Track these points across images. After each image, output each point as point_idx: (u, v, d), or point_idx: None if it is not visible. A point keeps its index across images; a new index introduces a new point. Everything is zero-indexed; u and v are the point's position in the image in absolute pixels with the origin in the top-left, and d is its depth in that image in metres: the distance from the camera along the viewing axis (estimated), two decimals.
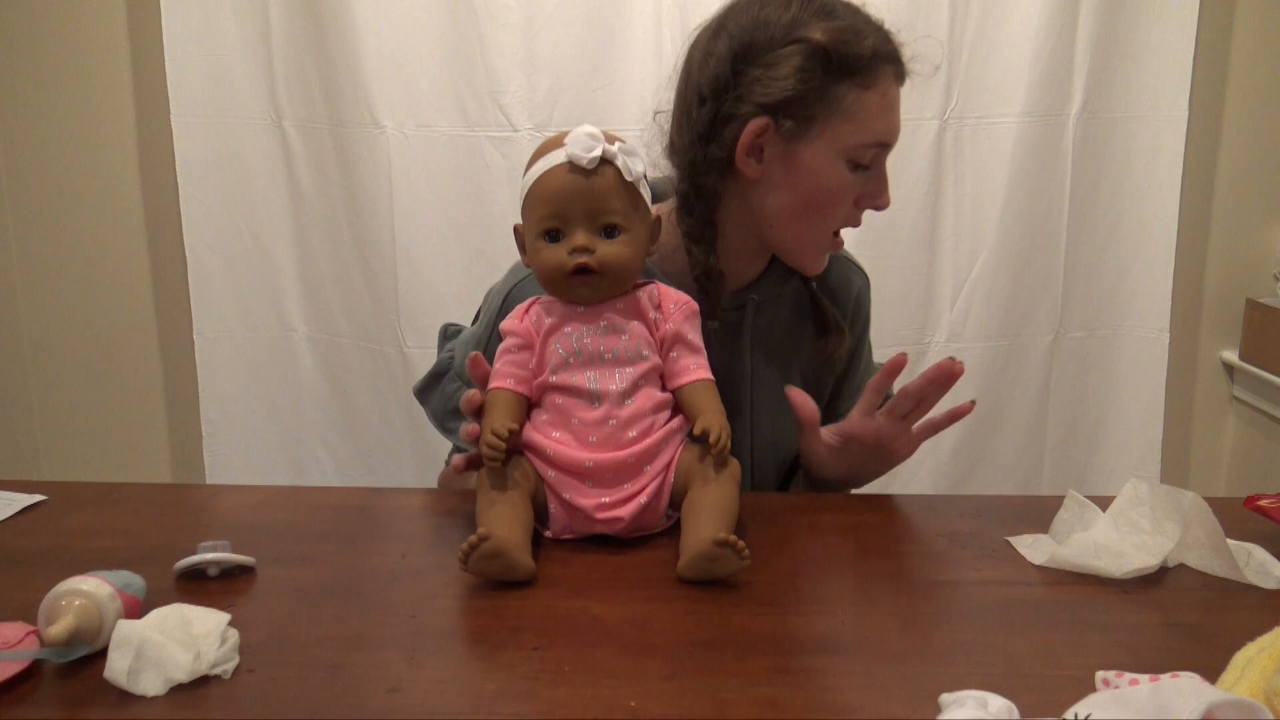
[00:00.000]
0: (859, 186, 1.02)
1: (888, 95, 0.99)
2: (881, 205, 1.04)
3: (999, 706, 0.58)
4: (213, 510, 1.00)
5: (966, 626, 0.74)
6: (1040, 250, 2.01)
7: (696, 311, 0.93)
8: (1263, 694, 0.59)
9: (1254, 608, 0.77)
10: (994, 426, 2.07)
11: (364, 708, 0.63)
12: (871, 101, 0.98)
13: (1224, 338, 2.14)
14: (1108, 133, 1.98)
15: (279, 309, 2.09)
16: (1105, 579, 0.81)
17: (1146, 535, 0.84)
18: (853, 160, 1.00)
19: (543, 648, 0.70)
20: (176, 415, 2.21)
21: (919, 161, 1.95)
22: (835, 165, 1.00)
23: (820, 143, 0.99)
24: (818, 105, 0.97)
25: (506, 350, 0.90)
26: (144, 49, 2.03)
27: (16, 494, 0.99)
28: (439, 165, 1.96)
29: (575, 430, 0.87)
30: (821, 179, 1.00)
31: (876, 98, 0.98)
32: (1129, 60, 1.95)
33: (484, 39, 1.91)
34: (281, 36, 1.96)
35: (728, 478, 0.85)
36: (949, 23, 1.90)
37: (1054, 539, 0.87)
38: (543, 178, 0.88)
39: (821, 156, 0.99)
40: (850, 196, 1.02)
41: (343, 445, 2.13)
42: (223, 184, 2.02)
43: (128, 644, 0.64)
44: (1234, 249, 2.11)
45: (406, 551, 0.87)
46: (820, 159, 0.99)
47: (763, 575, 0.81)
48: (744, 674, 0.67)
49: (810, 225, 1.03)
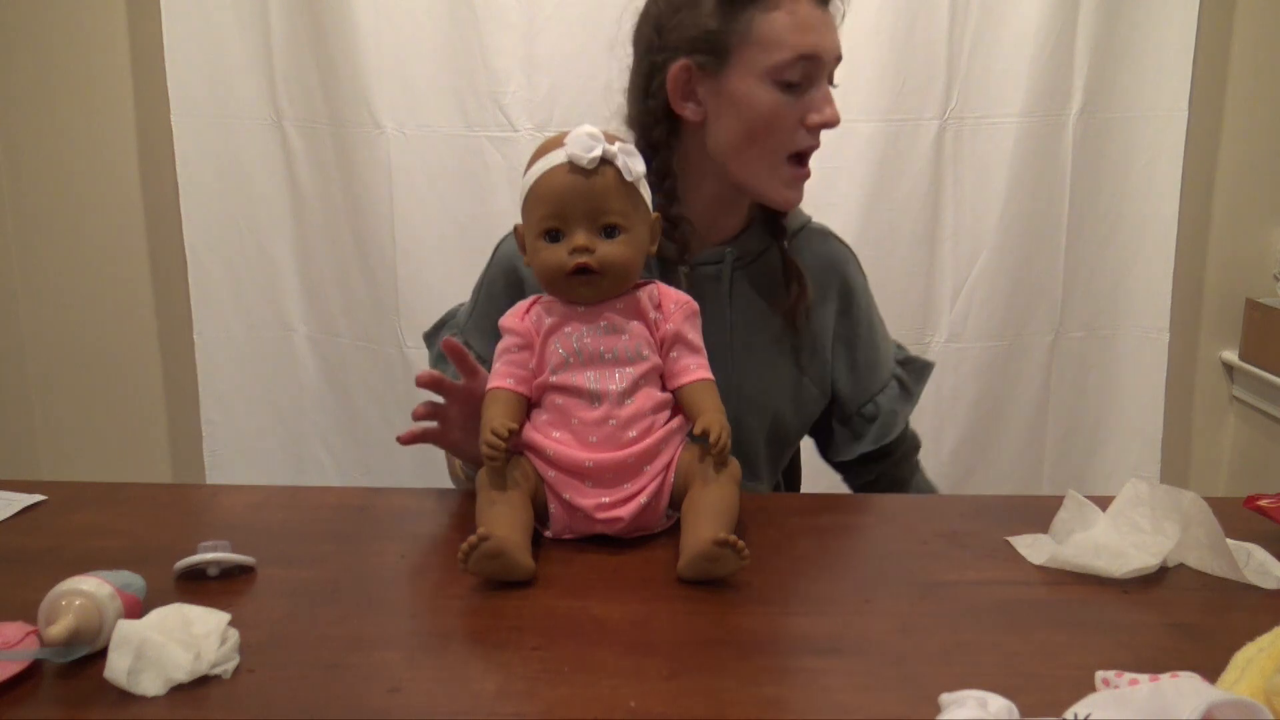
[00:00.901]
0: (797, 107, 1.03)
1: (797, 13, 1.01)
2: (829, 121, 1.04)
3: (999, 706, 0.58)
4: (213, 510, 1.00)
5: (966, 626, 0.74)
6: (1040, 250, 2.01)
7: (697, 311, 0.93)
8: (1263, 694, 0.59)
9: (1254, 608, 0.77)
10: (994, 426, 2.07)
11: (364, 708, 0.63)
12: (779, 21, 1.01)
13: (1224, 338, 2.14)
14: (1108, 133, 1.98)
15: (279, 309, 2.09)
16: (1105, 579, 0.81)
17: (1146, 535, 0.84)
18: (779, 81, 1.02)
19: (543, 648, 0.70)
20: (176, 415, 2.21)
21: (919, 161, 1.95)
22: (762, 88, 1.02)
23: (741, 70, 1.02)
24: (730, 36, 1.02)
25: (506, 350, 0.90)
26: (144, 49, 2.03)
27: (16, 494, 0.99)
28: (439, 165, 1.96)
29: (575, 430, 0.87)
30: (753, 105, 1.03)
31: (784, 16, 1.01)
32: (1129, 60, 1.95)
33: (484, 39, 1.91)
34: (281, 36, 1.96)
35: (728, 478, 0.85)
36: (949, 23, 1.90)
37: (1054, 539, 0.87)
38: (543, 178, 0.88)
39: (746, 83, 1.03)
40: (790, 117, 1.03)
41: (343, 445, 2.13)
42: (223, 184, 2.02)
43: (128, 644, 0.64)
44: (1234, 249, 2.11)
45: (406, 551, 0.87)
46: (745, 86, 1.03)
47: (763, 575, 0.81)
48: (744, 674, 0.67)
49: (759, 153, 1.05)
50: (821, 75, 1.04)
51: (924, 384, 1.21)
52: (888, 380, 1.18)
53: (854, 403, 1.17)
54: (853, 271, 1.19)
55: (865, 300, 1.19)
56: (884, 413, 1.16)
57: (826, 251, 1.17)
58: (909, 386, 1.19)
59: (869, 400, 1.16)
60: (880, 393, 1.17)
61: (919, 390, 1.20)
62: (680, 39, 1.04)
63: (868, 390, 1.17)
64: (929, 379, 1.21)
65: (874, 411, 1.16)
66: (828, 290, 1.15)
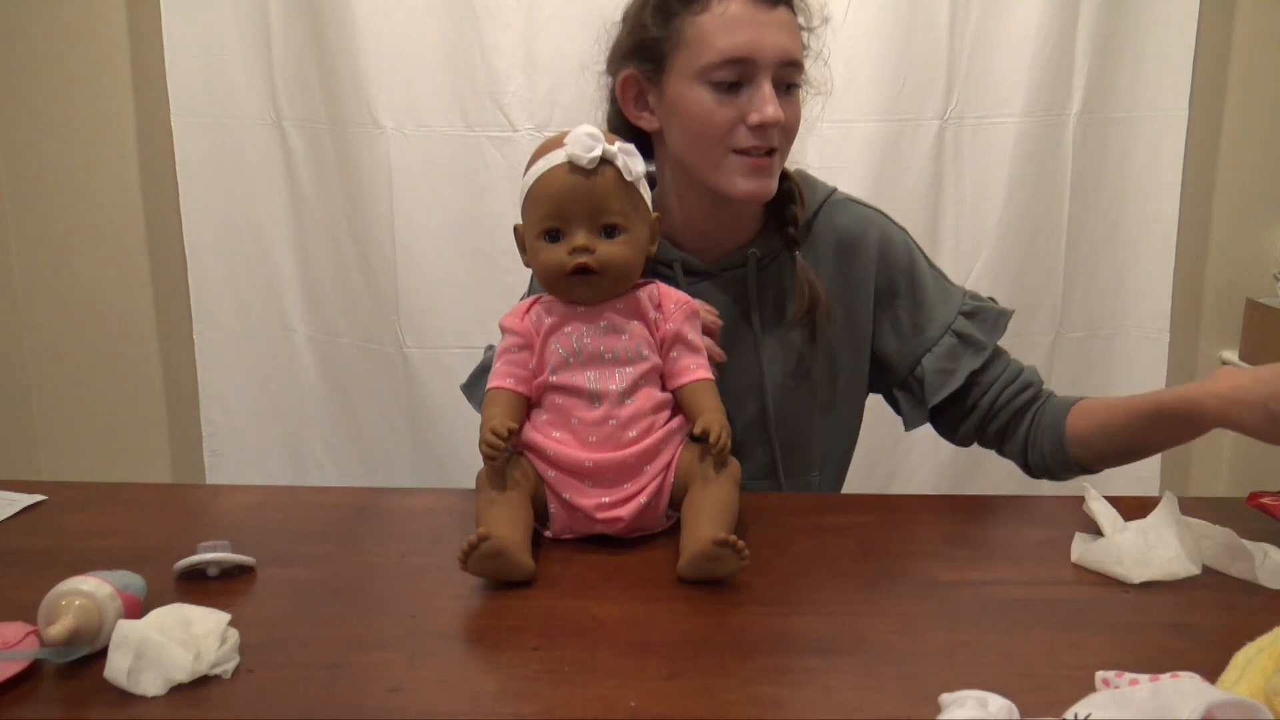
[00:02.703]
0: (735, 107, 1.02)
1: (726, 14, 1.00)
2: (768, 120, 1.00)
3: (999, 706, 0.58)
4: (213, 510, 1.00)
5: (966, 626, 0.74)
6: (1040, 250, 2.01)
7: (696, 311, 0.93)
8: (1263, 694, 0.59)
9: (1254, 608, 0.77)
10: None
11: (364, 708, 0.63)
12: (707, 23, 1.01)
13: (1224, 338, 2.14)
14: (1108, 133, 1.98)
15: (279, 309, 2.09)
16: (1105, 579, 0.81)
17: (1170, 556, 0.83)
18: (711, 82, 1.01)
19: (543, 648, 0.70)
20: (176, 415, 2.21)
21: (919, 161, 1.95)
22: (696, 92, 1.02)
23: (677, 75, 1.03)
24: (664, 44, 1.04)
25: (506, 350, 0.90)
26: (144, 49, 2.03)
27: (16, 494, 0.99)
28: (439, 165, 1.96)
29: (575, 430, 0.87)
30: (690, 108, 1.03)
31: (713, 19, 1.01)
32: (1129, 60, 1.95)
33: (484, 39, 1.91)
34: (281, 36, 1.96)
35: (728, 478, 0.85)
36: (949, 23, 1.90)
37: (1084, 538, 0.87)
38: (543, 178, 0.88)
39: (681, 88, 1.03)
40: (727, 117, 1.02)
41: (343, 445, 2.13)
42: (223, 184, 2.02)
43: (128, 644, 0.64)
44: (1234, 249, 2.11)
45: (406, 551, 0.87)
46: (681, 90, 1.03)
47: (763, 575, 0.81)
48: (744, 674, 0.67)
49: (705, 153, 1.04)
50: (759, 75, 1.01)
51: (999, 334, 1.14)
52: (938, 338, 1.12)
53: (903, 367, 1.13)
54: (887, 228, 1.16)
55: (907, 257, 1.15)
56: (929, 373, 1.11)
57: (850, 221, 1.14)
58: (974, 339, 1.12)
59: (916, 363, 1.12)
60: (928, 352, 1.12)
61: (992, 341, 1.13)
62: (625, 49, 1.07)
63: (914, 352, 1.13)
64: (1006, 328, 1.14)
65: (921, 374, 1.12)
66: (860, 257, 1.12)
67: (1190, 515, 0.86)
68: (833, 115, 1.77)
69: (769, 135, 1.02)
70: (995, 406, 1.13)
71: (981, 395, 1.12)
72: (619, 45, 1.09)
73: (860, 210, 1.16)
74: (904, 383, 1.14)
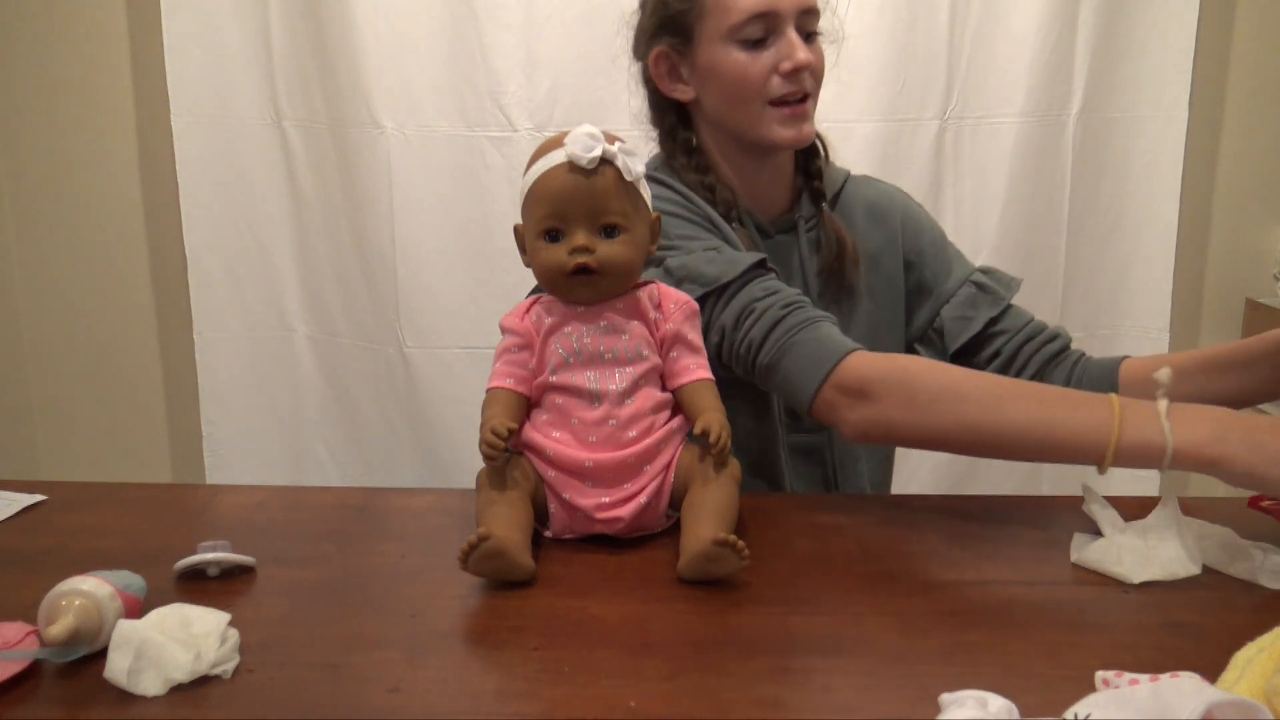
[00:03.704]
0: (766, 59, 1.06)
1: None
2: (800, 64, 1.06)
3: (999, 706, 0.58)
4: (213, 510, 1.00)
5: (966, 626, 0.74)
6: (1040, 250, 2.01)
7: (696, 311, 0.93)
8: (1263, 694, 0.59)
9: (1254, 608, 0.77)
10: None
11: (364, 708, 0.63)
12: None
13: (1224, 338, 2.14)
14: (1108, 133, 1.98)
15: (279, 309, 2.09)
16: (1106, 579, 0.81)
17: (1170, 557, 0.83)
18: (740, 40, 1.06)
19: (543, 648, 0.70)
20: (176, 415, 2.21)
21: (919, 161, 1.95)
22: (727, 52, 1.07)
23: (706, 41, 1.08)
24: (689, 14, 1.08)
25: (506, 350, 0.90)
26: (144, 49, 2.04)
27: (16, 494, 0.99)
28: (439, 165, 1.96)
29: (575, 430, 0.87)
30: (724, 69, 1.07)
31: None
32: (1129, 60, 1.95)
33: (484, 39, 1.91)
34: (281, 36, 1.96)
35: (727, 478, 0.85)
36: (949, 22, 1.90)
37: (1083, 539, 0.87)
38: (543, 178, 0.88)
39: (713, 51, 1.08)
40: (761, 70, 1.06)
41: (343, 445, 2.13)
42: (223, 184, 2.03)
43: (128, 644, 0.64)
44: (1234, 249, 2.11)
45: (406, 551, 0.87)
46: (713, 54, 1.08)
47: (763, 575, 0.81)
48: (744, 674, 0.67)
49: (744, 109, 1.09)
50: (784, 26, 1.06)
51: (1013, 294, 1.19)
52: (955, 290, 1.18)
53: (924, 321, 1.20)
54: (908, 201, 1.24)
55: (928, 226, 1.22)
56: (948, 321, 1.17)
57: (875, 194, 1.22)
58: (991, 289, 1.18)
59: (935, 314, 1.19)
60: (946, 304, 1.18)
61: (1008, 296, 1.18)
62: (651, 27, 1.12)
63: (934, 305, 1.19)
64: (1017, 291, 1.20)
65: (940, 324, 1.18)
66: (889, 223, 1.20)
67: (1190, 515, 0.86)
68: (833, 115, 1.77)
69: (802, 80, 1.07)
70: (1021, 354, 1.16)
71: (1005, 342, 1.16)
72: (643, 28, 1.14)
73: (882, 185, 1.25)
74: (924, 336, 1.20)
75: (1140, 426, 0.83)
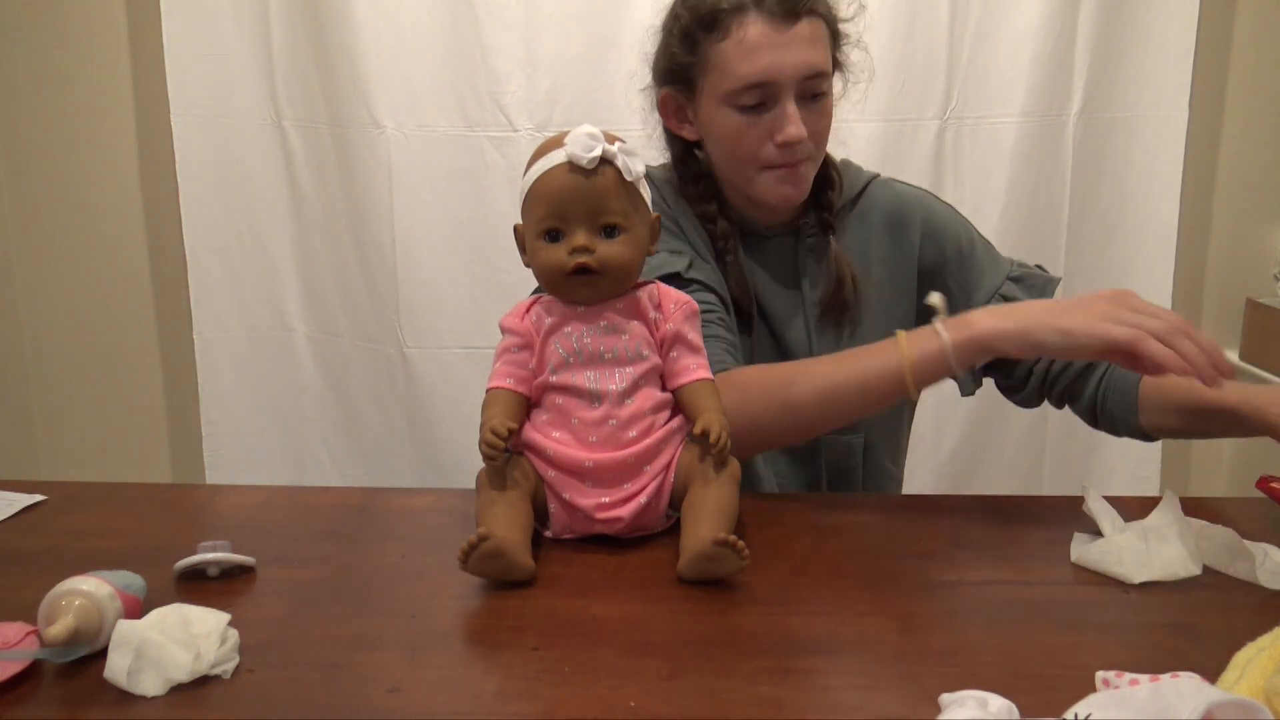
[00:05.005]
0: (761, 126, 1.06)
1: (745, 40, 1.03)
2: (790, 140, 1.04)
3: (999, 706, 0.58)
4: (213, 510, 1.00)
5: (966, 626, 0.74)
6: (1040, 250, 2.01)
7: (697, 311, 0.93)
8: (1263, 694, 0.59)
9: (1254, 608, 0.77)
10: (994, 426, 2.06)
11: (364, 708, 0.63)
12: (729, 50, 1.04)
13: (1224, 338, 2.14)
14: (1108, 133, 1.98)
15: (279, 309, 2.09)
16: (1106, 579, 0.81)
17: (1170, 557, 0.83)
18: (736, 105, 1.05)
19: (543, 648, 0.70)
20: (176, 415, 2.21)
21: (919, 161, 1.95)
22: (724, 114, 1.07)
23: (706, 97, 1.08)
24: (692, 69, 1.08)
25: (506, 350, 0.90)
26: (144, 49, 2.03)
27: (16, 494, 0.99)
28: (439, 165, 1.96)
29: (575, 430, 0.87)
30: (720, 131, 1.08)
31: (733, 46, 1.04)
32: (1129, 60, 1.95)
33: (484, 39, 1.91)
34: (281, 36, 1.96)
35: (727, 478, 0.85)
36: (949, 22, 1.90)
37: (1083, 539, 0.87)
38: (543, 178, 0.88)
39: (711, 110, 1.08)
40: (755, 138, 1.06)
41: (343, 445, 2.13)
42: (223, 184, 2.02)
43: (128, 644, 0.64)
44: (1234, 249, 2.11)
45: (406, 551, 0.87)
46: (711, 113, 1.08)
47: (763, 575, 0.81)
48: (744, 674, 0.67)
49: (739, 170, 1.10)
50: (782, 95, 1.04)
51: (1050, 295, 1.14)
52: (984, 302, 1.13)
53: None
54: (931, 203, 1.20)
55: (954, 230, 1.18)
56: None
57: (893, 198, 1.18)
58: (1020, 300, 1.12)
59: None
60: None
61: None
62: (659, 70, 1.13)
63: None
64: (1053, 295, 1.15)
65: None
66: (906, 233, 1.16)
67: (1190, 515, 0.86)
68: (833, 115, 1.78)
69: (796, 151, 1.06)
70: (1053, 368, 1.12)
71: (1038, 359, 1.12)
72: (656, 65, 1.13)
73: (905, 189, 1.21)
74: None
75: (920, 342, 0.92)
